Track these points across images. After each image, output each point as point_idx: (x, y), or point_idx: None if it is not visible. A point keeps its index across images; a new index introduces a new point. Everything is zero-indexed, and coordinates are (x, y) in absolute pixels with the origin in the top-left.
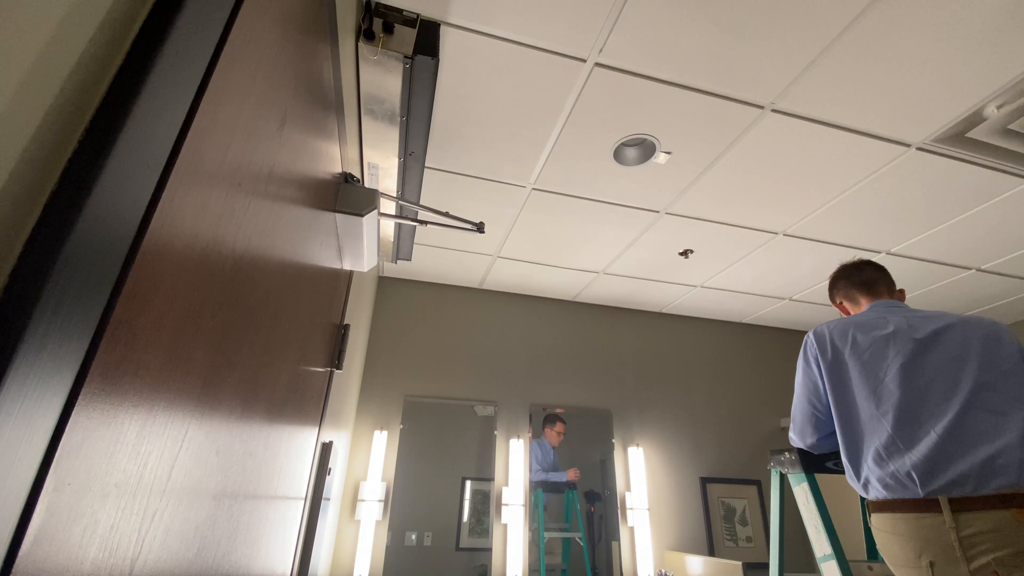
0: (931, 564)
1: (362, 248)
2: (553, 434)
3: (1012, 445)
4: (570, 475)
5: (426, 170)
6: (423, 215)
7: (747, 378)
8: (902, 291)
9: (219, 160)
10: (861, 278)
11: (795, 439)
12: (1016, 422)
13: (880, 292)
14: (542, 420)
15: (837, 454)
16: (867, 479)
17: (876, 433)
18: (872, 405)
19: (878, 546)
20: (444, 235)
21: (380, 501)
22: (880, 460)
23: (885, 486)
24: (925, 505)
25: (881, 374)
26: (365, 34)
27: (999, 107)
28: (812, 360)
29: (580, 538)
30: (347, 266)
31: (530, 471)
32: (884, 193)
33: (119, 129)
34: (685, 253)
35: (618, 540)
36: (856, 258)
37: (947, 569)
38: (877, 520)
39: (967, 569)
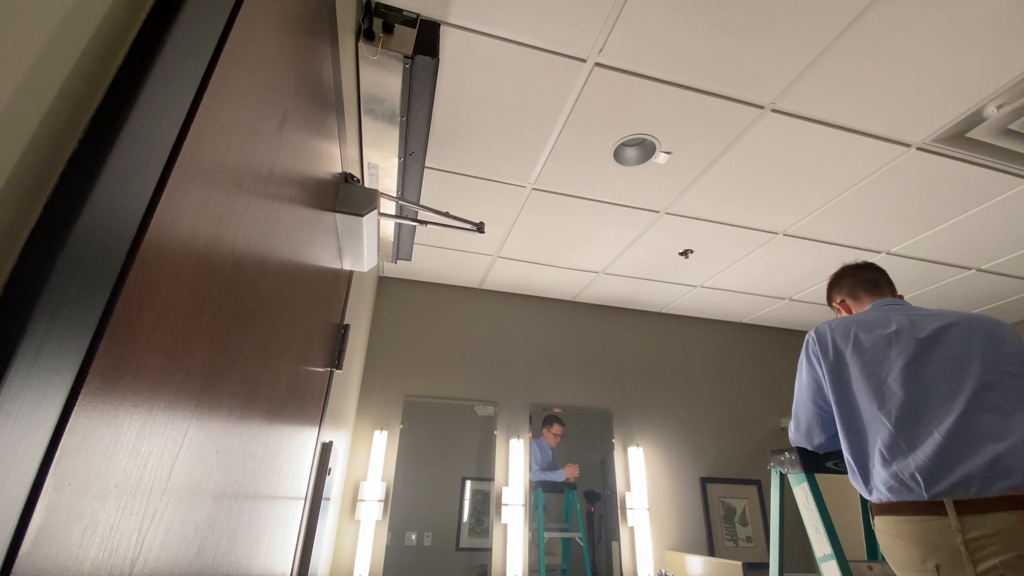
0: (937, 567)
1: (362, 248)
2: (551, 435)
3: (1017, 446)
4: (568, 472)
5: (426, 170)
6: (423, 215)
7: (747, 378)
8: (901, 296)
9: (219, 160)
10: (866, 277)
11: (799, 440)
12: (1021, 422)
13: (883, 292)
14: (540, 421)
15: (838, 454)
16: (871, 481)
17: (879, 433)
18: (874, 405)
19: (882, 549)
20: (444, 235)
21: (380, 501)
22: (884, 461)
23: (889, 488)
24: (930, 508)
25: (883, 374)
26: (365, 34)
27: (999, 107)
28: (814, 359)
29: (580, 538)
30: (347, 266)
31: (530, 471)
32: (884, 193)
33: (119, 129)
34: (685, 253)
35: (618, 540)
36: (859, 260)
37: (953, 572)
38: (881, 523)
39: (973, 572)
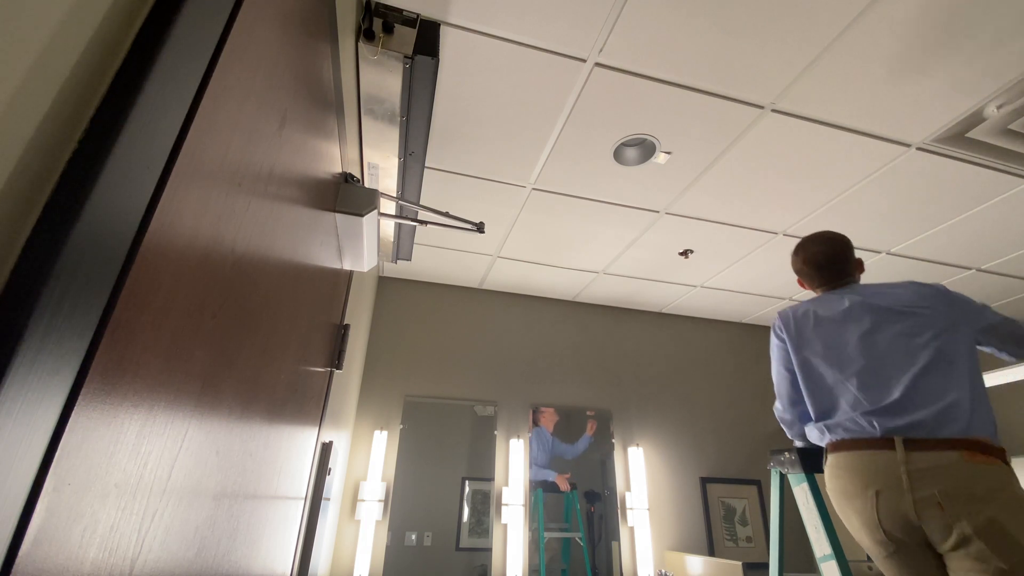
0: (877, 494)
1: (362, 248)
2: (545, 420)
3: (962, 399)
4: (560, 484)
5: (426, 170)
6: (423, 215)
7: (747, 378)
8: (860, 261)
9: (219, 160)
10: (815, 264)
11: (786, 412)
12: (963, 378)
13: (833, 276)
14: (532, 417)
15: None
16: (830, 428)
17: (843, 395)
18: (836, 372)
19: (828, 489)
20: (444, 235)
21: (380, 501)
22: (844, 413)
23: (845, 429)
24: (881, 443)
25: (842, 344)
26: (365, 34)
27: (999, 107)
28: (782, 335)
29: (580, 538)
30: (347, 266)
31: (530, 467)
32: (884, 193)
33: (119, 129)
34: (685, 253)
35: (618, 540)
36: (816, 233)
37: (891, 496)
38: (833, 460)
39: (911, 499)
